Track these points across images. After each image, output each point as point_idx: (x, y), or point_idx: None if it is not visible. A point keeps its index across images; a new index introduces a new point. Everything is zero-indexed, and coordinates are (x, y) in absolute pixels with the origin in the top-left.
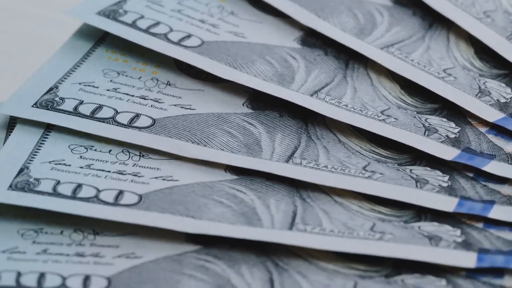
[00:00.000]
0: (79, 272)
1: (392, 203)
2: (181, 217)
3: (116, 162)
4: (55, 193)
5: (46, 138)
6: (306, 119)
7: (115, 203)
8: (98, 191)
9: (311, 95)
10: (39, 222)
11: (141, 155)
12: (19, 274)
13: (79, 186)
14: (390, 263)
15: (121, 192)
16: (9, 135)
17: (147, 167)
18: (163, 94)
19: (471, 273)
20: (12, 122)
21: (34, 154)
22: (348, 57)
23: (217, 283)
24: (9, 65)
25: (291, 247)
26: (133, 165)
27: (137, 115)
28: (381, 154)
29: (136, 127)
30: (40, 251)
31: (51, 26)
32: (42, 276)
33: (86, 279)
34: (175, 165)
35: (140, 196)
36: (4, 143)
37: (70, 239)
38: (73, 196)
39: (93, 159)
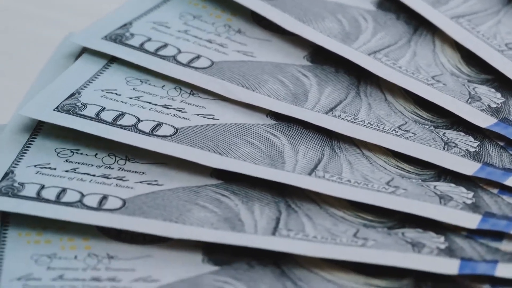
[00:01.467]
0: (99, 191)
1: (418, 162)
2: (209, 152)
3: (165, 97)
4: (96, 119)
5: (106, 69)
6: (360, 77)
7: (150, 133)
8: (138, 120)
9: (369, 54)
10: (77, 143)
11: (192, 93)
12: (42, 187)
13: (122, 114)
14: (397, 217)
15: (159, 124)
16: None
17: (193, 105)
18: (230, 40)
19: (470, 234)
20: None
21: (89, 82)
22: (419, 23)
23: (226, 216)
24: (9, 65)
25: (308, 192)
26: (181, 101)
27: (198, 56)
28: (421, 116)
29: (193, 67)
30: (69, 169)
31: (51, 26)
32: (63, 191)
33: (103, 198)
34: (220, 106)
35: (177, 130)
36: None
37: (101, 162)
38: (113, 123)
39: (144, 92)
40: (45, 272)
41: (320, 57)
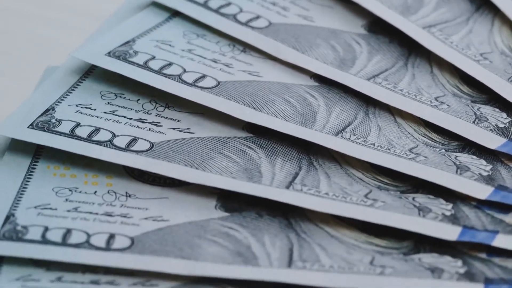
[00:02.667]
0: (130, 134)
1: (447, 132)
2: (244, 106)
3: (216, 52)
4: (144, 66)
5: (167, 22)
6: (412, 49)
7: (192, 83)
8: (184, 71)
9: (424, 28)
10: (123, 89)
11: (244, 50)
12: (77, 125)
13: (169, 64)
14: (412, 182)
15: (203, 76)
16: None
17: (242, 61)
18: (294, 4)
19: (479, 204)
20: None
21: (146, 33)
22: (483, 3)
23: (246, 167)
24: (9, 65)
25: (333, 152)
26: (230, 57)
27: (257, 17)
28: (462, 90)
29: (250, 26)
30: (108, 111)
31: (51, 26)
32: (96, 130)
33: (133, 140)
34: (267, 65)
35: (218, 82)
36: None
37: (141, 107)
38: (158, 72)
39: (198, 46)
40: (62, 203)
41: (377, 27)
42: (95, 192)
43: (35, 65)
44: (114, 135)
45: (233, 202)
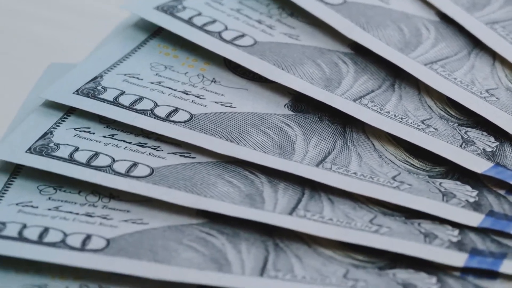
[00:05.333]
0: (239, 29)
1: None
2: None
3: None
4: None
5: None
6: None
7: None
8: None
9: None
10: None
11: None
12: (198, 13)
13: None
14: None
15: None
16: None
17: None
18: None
19: None
20: None
21: None
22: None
23: (329, 77)
24: (9, 65)
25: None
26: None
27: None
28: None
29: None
30: (235, 9)
31: (51, 26)
32: (212, 22)
33: (240, 36)
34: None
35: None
36: None
37: (268, 12)
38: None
39: None
40: (151, 76)
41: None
42: (186, 73)
43: (35, 65)
44: (226, 28)
45: (302, 104)
